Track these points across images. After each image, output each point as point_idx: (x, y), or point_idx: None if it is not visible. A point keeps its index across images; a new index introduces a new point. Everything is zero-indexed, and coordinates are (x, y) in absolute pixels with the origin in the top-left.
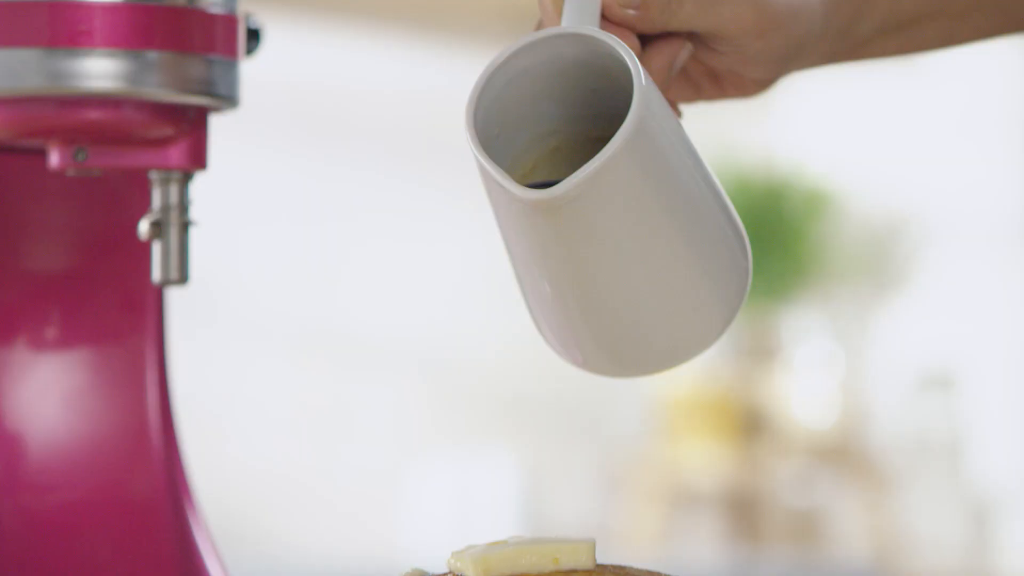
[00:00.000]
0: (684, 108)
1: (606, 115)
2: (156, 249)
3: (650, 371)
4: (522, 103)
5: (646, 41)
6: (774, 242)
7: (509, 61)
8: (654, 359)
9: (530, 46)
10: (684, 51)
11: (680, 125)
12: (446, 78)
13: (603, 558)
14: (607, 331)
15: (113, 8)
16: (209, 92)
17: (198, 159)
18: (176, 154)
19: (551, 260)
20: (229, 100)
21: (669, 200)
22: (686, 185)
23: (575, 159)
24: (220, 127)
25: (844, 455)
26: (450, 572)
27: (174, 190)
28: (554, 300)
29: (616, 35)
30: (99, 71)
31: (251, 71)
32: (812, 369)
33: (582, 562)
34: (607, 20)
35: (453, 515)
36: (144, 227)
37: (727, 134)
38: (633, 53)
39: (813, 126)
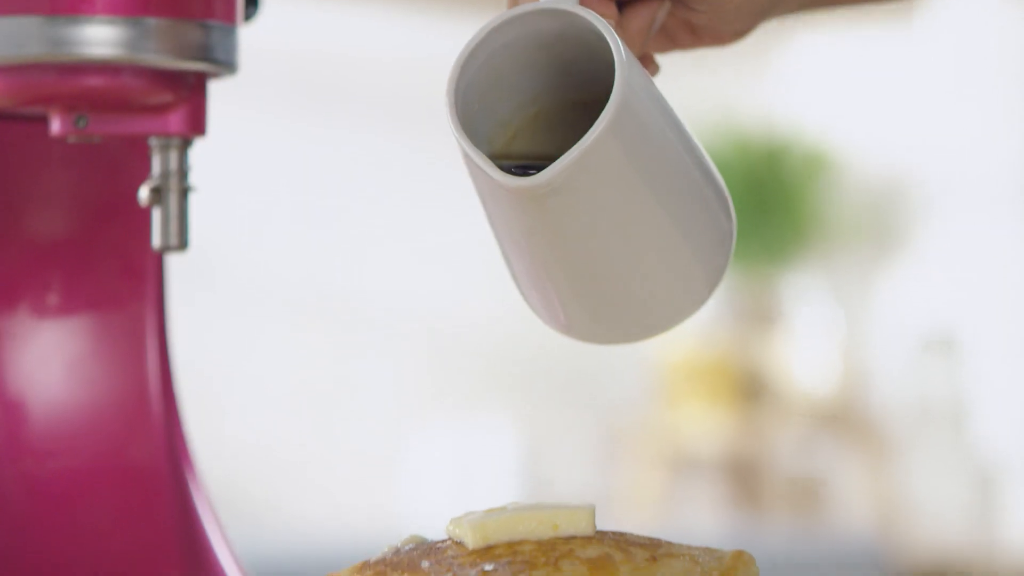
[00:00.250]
0: (679, 67)
1: (586, 80)
2: (156, 215)
3: (637, 338)
4: (502, 76)
5: (624, 4)
6: (773, 204)
7: (488, 39)
8: (640, 327)
9: (508, 23)
10: (662, 11)
11: (661, 95)
12: (445, 44)
13: (602, 524)
14: (591, 302)
15: None
16: (208, 58)
17: (197, 125)
18: (175, 120)
19: (534, 239)
20: (228, 66)
21: (653, 177)
22: (669, 159)
23: (556, 125)
24: (219, 93)
25: (845, 420)
26: (449, 539)
27: (174, 156)
28: (537, 273)
29: (594, 2)
30: (99, 38)
31: (250, 37)
32: (812, 333)
33: (581, 528)
34: None
35: (452, 482)
36: (144, 193)
37: (726, 96)
38: (612, 30)
39: (812, 87)
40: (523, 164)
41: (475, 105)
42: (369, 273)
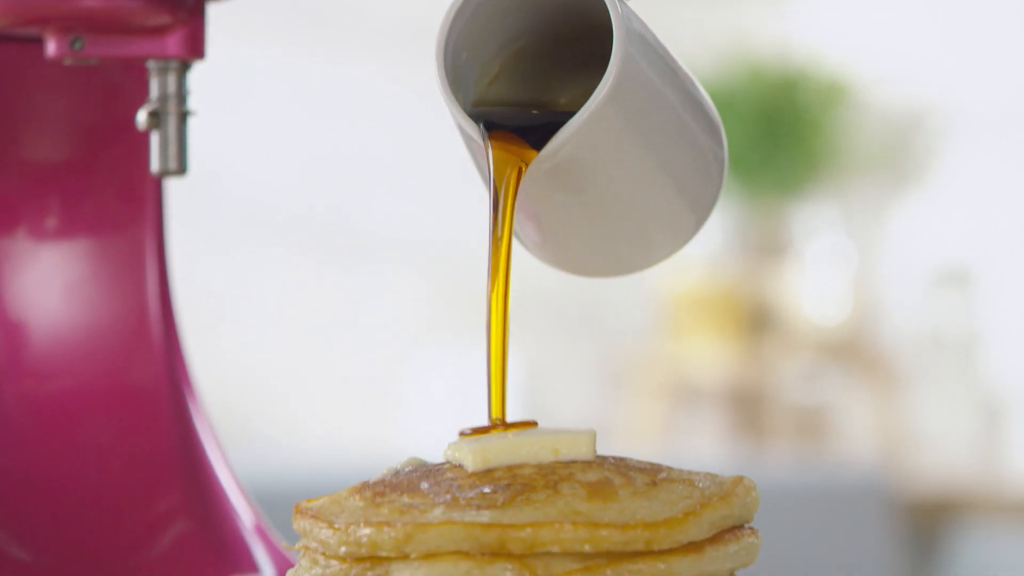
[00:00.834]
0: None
1: (573, 14)
2: (154, 139)
3: (626, 273)
4: (490, 22)
5: None
6: (787, 134)
7: None
8: (630, 263)
9: None
10: None
11: (657, 41)
12: None
13: (604, 452)
14: (581, 246)
15: None
16: None
17: (196, 48)
18: (174, 43)
19: (527, 198)
20: None
21: (647, 137)
22: (663, 116)
23: (538, 60)
24: (218, 15)
25: (853, 352)
26: (448, 462)
27: (172, 79)
28: (526, 219)
29: None
30: None
31: None
32: (823, 265)
33: (582, 453)
34: None
35: (452, 409)
36: (142, 117)
37: (742, 24)
38: None
39: (830, 15)
40: (505, 111)
41: (463, 55)
42: (370, 199)
